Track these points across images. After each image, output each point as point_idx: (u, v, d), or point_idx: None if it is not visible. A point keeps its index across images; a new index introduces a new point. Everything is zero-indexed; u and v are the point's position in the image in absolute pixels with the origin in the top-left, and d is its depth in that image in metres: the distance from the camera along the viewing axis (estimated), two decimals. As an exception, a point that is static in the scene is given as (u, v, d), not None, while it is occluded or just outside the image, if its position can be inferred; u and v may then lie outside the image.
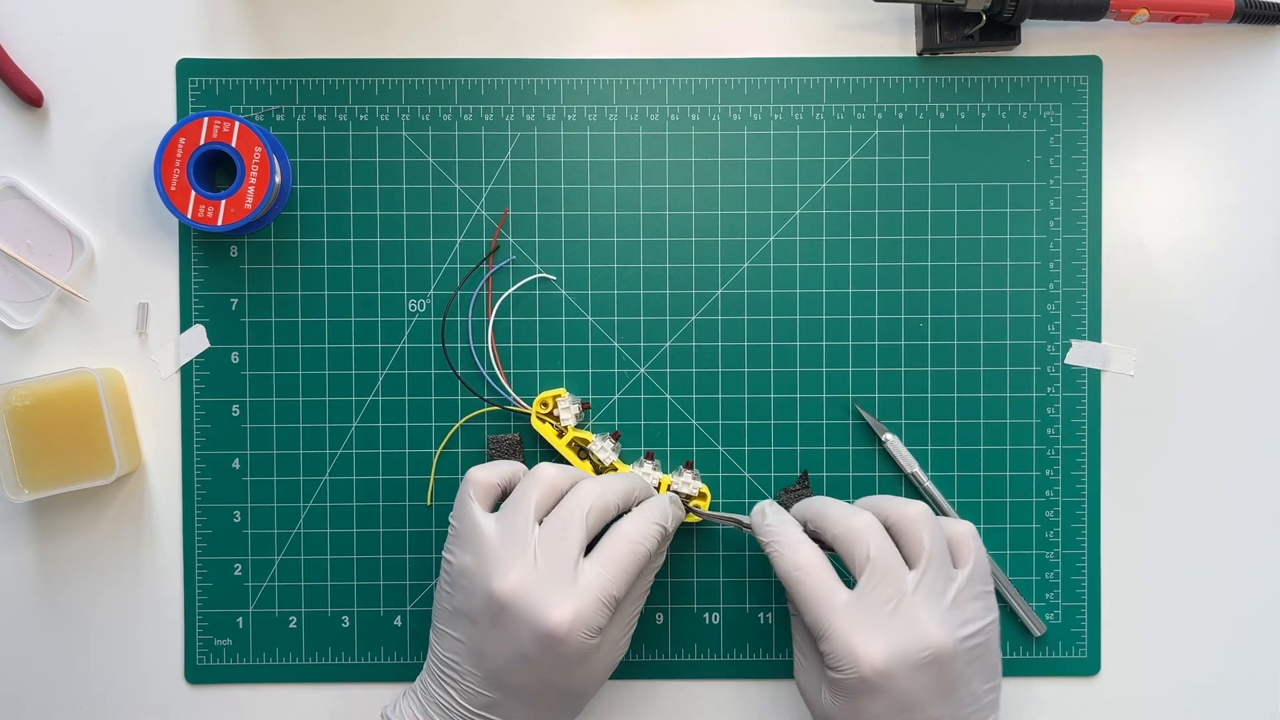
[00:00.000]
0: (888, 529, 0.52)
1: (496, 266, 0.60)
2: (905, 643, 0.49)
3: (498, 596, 0.51)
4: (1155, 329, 0.61)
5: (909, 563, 0.51)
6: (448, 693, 0.53)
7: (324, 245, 0.60)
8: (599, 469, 0.58)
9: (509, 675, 0.51)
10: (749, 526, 0.56)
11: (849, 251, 0.61)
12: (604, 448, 0.58)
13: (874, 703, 0.49)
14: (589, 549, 0.53)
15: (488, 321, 0.60)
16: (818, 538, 0.53)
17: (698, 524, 0.60)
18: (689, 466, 0.60)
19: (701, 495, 0.59)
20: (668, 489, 0.58)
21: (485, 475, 0.54)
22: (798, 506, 0.56)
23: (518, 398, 0.60)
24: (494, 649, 0.51)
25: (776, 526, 0.53)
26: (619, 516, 0.54)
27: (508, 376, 0.60)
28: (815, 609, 0.51)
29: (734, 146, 0.61)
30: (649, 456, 0.59)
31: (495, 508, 0.54)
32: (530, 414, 0.59)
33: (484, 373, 0.60)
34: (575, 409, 0.59)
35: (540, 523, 0.52)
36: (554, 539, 0.52)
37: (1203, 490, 0.61)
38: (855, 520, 0.52)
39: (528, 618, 0.50)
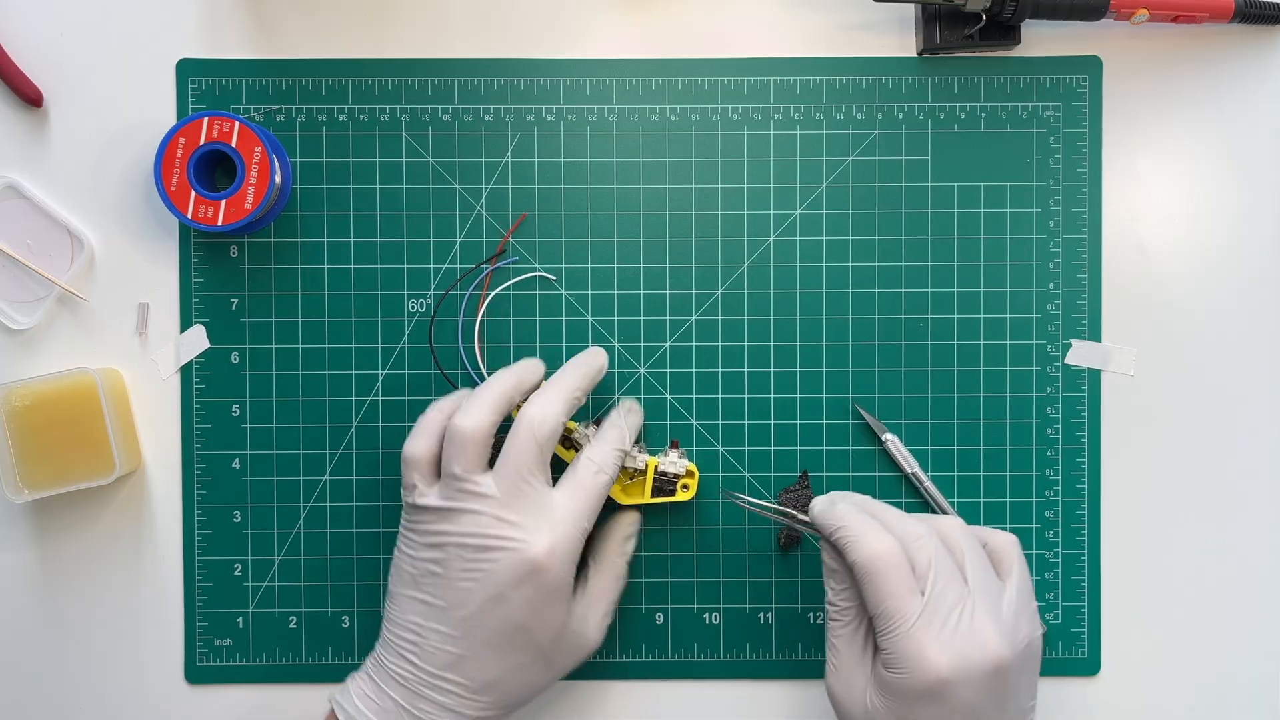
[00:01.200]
0: None
1: (496, 265, 0.60)
2: (970, 651, 0.49)
3: (475, 541, 0.51)
4: (1155, 329, 0.61)
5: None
6: (408, 660, 0.52)
7: (324, 245, 0.60)
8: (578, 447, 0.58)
9: (479, 621, 0.51)
10: (799, 519, 0.55)
11: (849, 251, 0.61)
12: (586, 435, 0.58)
13: (931, 710, 0.49)
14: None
15: (475, 321, 0.60)
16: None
17: (691, 499, 0.59)
18: (675, 446, 0.60)
19: (689, 474, 0.58)
20: (655, 470, 0.58)
21: (418, 447, 0.53)
22: (843, 497, 0.54)
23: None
24: (465, 594, 0.51)
25: (848, 513, 0.52)
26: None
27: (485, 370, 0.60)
28: (891, 602, 0.49)
29: (734, 146, 0.61)
30: (674, 445, 0.59)
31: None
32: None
33: (471, 374, 0.60)
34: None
35: (492, 465, 0.52)
36: (518, 479, 0.52)
37: (1203, 490, 0.61)
38: (914, 525, 0.52)
39: (506, 554, 0.50)
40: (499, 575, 0.51)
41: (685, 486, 0.58)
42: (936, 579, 0.50)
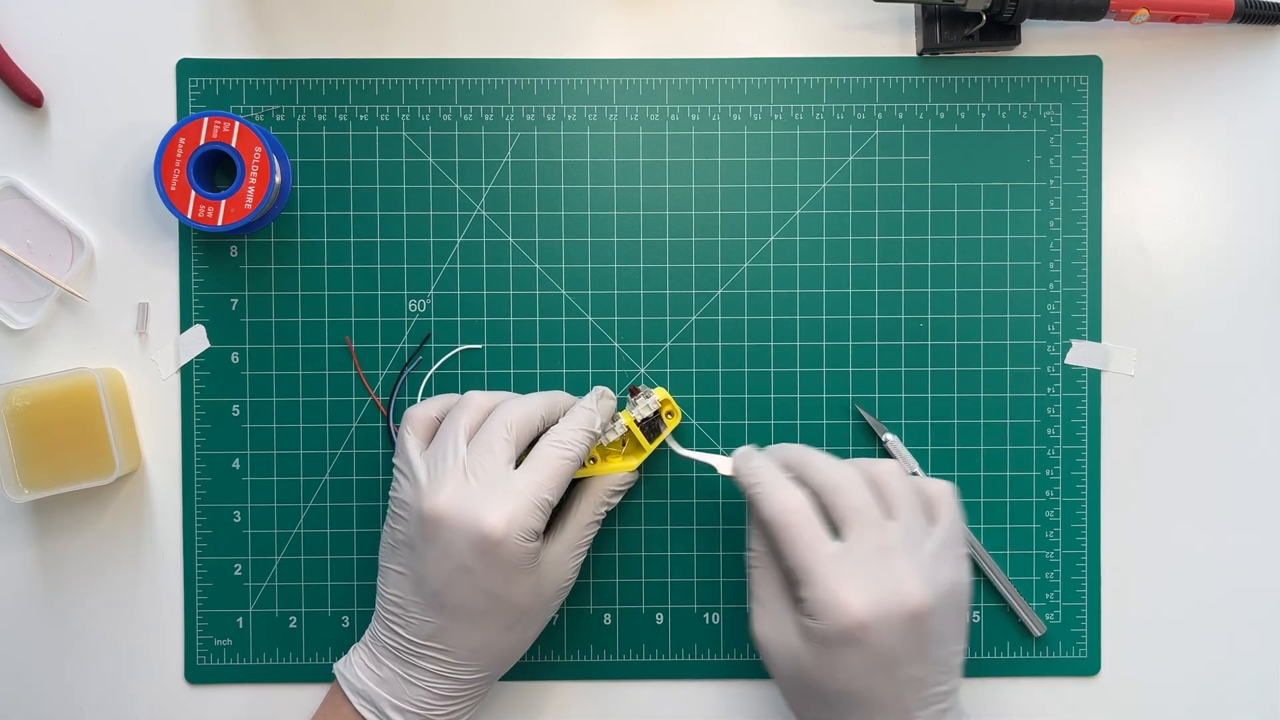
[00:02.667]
0: None
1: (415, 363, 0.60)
2: (888, 596, 0.49)
3: (432, 513, 0.51)
4: (1155, 329, 0.61)
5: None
6: (394, 631, 0.53)
7: (324, 245, 0.60)
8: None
9: (451, 593, 0.52)
10: (726, 471, 0.55)
11: (849, 251, 0.61)
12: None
13: (851, 654, 0.49)
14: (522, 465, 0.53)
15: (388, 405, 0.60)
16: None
17: (669, 448, 0.59)
18: (634, 391, 0.58)
19: (664, 402, 0.58)
20: (635, 423, 0.57)
21: (421, 411, 0.56)
22: (776, 450, 0.55)
23: None
24: (433, 567, 0.52)
25: (762, 469, 0.53)
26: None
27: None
28: (801, 553, 0.50)
29: (734, 146, 0.61)
30: (634, 391, 0.58)
31: None
32: None
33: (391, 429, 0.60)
34: None
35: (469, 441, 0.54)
36: (481, 453, 0.53)
37: (1203, 490, 0.61)
38: (840, 471, 0.52)
39: (463, 526, 0.51)
40: (459, 547, 0.51)
41: (670, 414, 0.58)
42: (856, 523, 0.50)
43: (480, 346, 0.60)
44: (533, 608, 0.54)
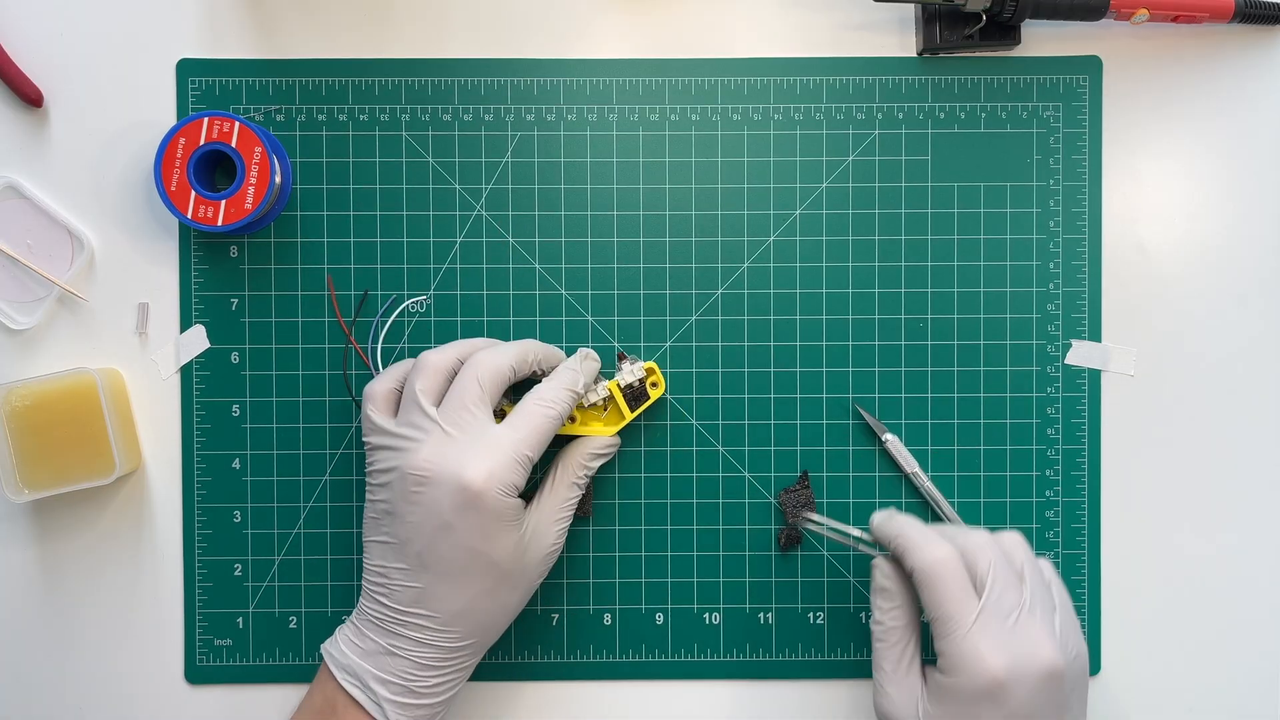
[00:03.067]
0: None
1: (419, 301, 0.60)
2: (1026, 654, 0.49)
3: (413, 471, 0.52)
4: (1155, 329, 0.61)
5: None
6: (378, 601, 0.54)
7: (324, 245, 0.60)
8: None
9: (432, 553, 0.52)
10: (858, 538, 0.56)
11: (849, 251, 0.61)
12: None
13: (988, 712, 0.49)
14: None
15: (372, 349, 0.60)
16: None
17: (662, 396, 0.59)
18: (623, 358, 0.59)
19: (650, 371, 0.58)
20: (619, 388, 0.58)
21: (380, 385, 0.56)
22: (900, 521, 0.54)
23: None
24: (415, 529, 0.52)
25: (906, 524, 0.53)
26: (529, 383, 0.56)
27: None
28: (950, 605, 0.50)
29: (734, 146, 0.61)
30: (621, 357, 0.60)
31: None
32: None
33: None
34: None
35: (439, 404, 0.54)
36: (457, 410, 0.53)
37: (1203, 490, 0.61)
38: (976, 535, 0.52)
39: (444, 481, 0.51)
40: (441, 503, 0.51)
41: (655, 384, 0.59)
42: (994, 583, 0.50)
43: (425, 297, 0.60)
44: (514, 570, 0.53)
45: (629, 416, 0.58)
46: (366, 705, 0.52)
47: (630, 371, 0.58)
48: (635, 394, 0.58)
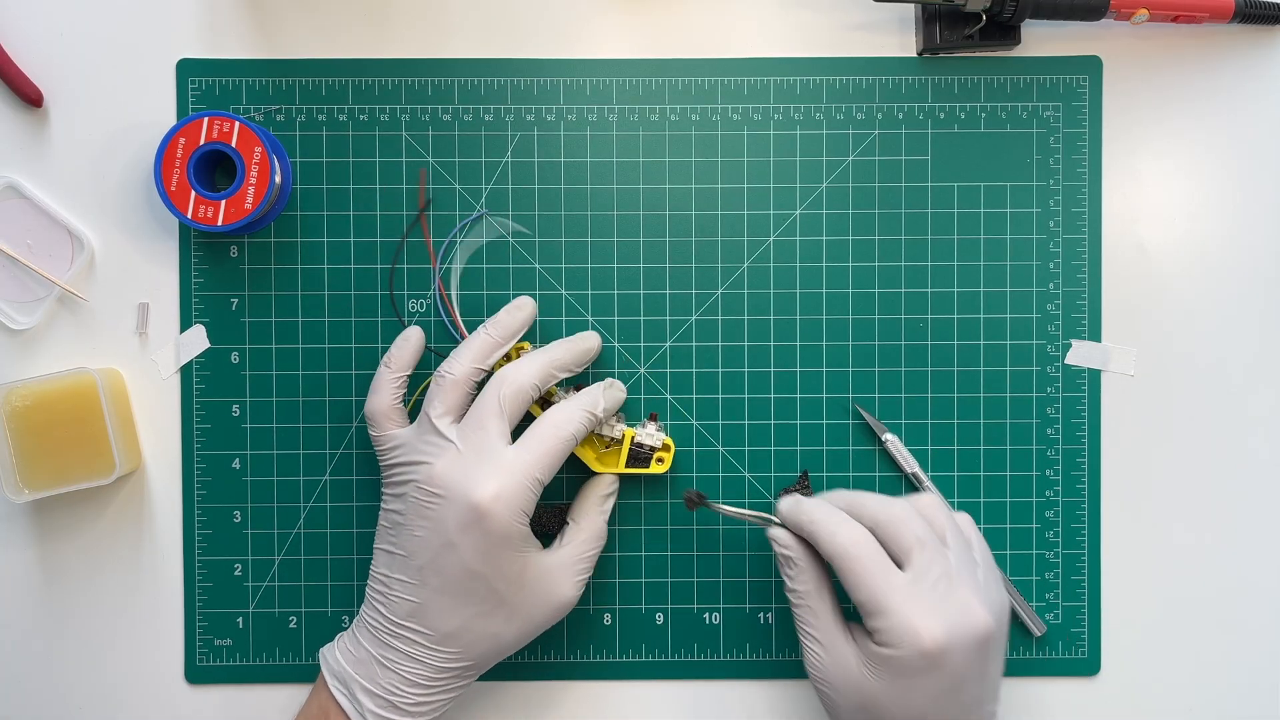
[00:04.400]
0: None
1: (465, 222, 0.60)
2: (961, 620, 0.50)
3: (426, 485, 0.52)
4: (1155, 329, 0.61)
5: None
6: (376, 610, 0.54)
7: (324, 245, 0.60)
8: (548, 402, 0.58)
9: (434, 570, 0.52)
10: (772, 519, 0.55)
11: (849, 251, 0.61)
12: (563, 398, 0.58)
13: (928, 681, 0.50)
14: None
15: (435, 271, 0.60)
16: None
17: (665, 473, 0.59)
18: (653, 419, 0.60)
19: (665, 447, 0.59)
20: (631, 441, 0.58)
21: (377, 403, 0.56)
22: (826, 496, 0.55)
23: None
24: (421, 543, 0.52)
25: (816, 509, 0.53)
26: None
27: (465, 325, 0.60)
28: (871, 584, 0.50)
29: (734, 146, 0.61)
30: (653, 418, 0.60)
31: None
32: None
33: (445, 320, 0.60)
34: None
35: (461, 420, 0.54)
36: (473, 429, 0.53)
37: (1203, 490, 0.61)
38: (895, 505, 0.53)
39: (454, 499, 0.51)
40: (448, 521, 0.52)
41: (660, 460, 0.59)
42: (921, 554, 0.51)
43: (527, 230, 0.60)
44: (513, 601, 0.53)
45: (619, 467, 0.58)
46: (353, 716, 0.53)
47: (649, 434, 0.58)
48: (640, 456, 0.58)
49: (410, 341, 0.57)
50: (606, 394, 0.57)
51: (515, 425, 0.54)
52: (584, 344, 0.58)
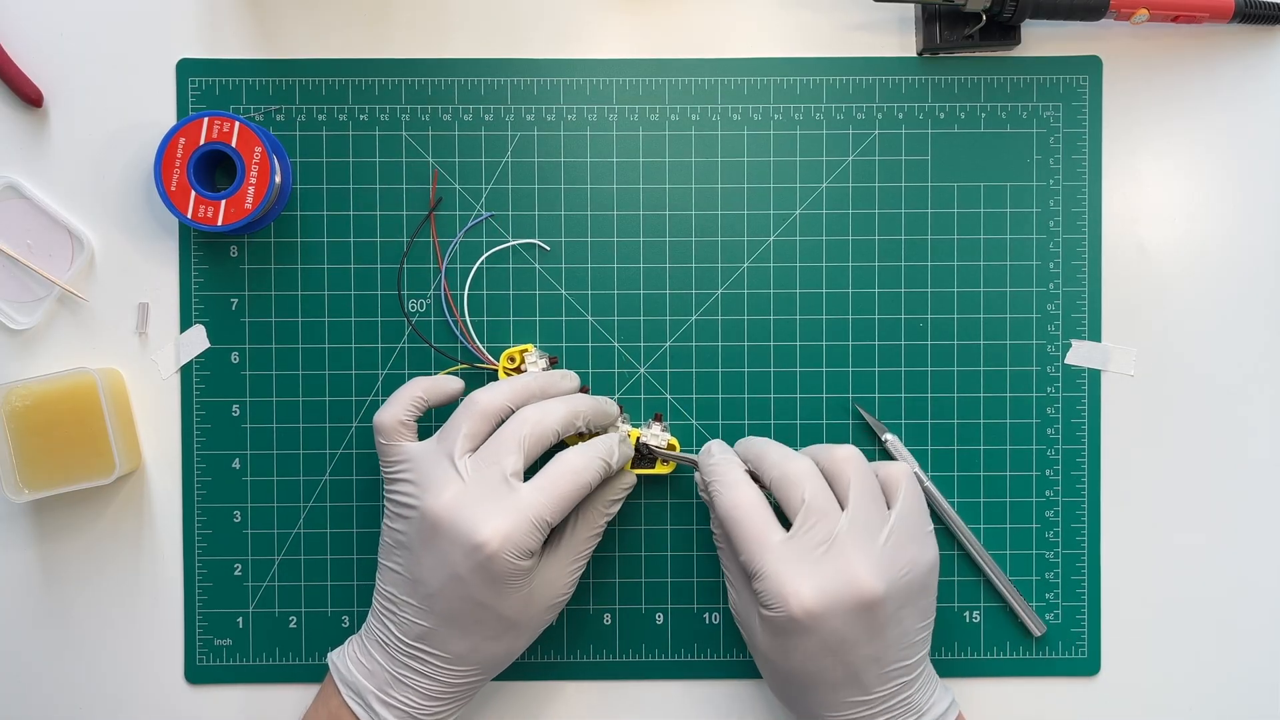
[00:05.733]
0: (822, 473, 0.53)
1: (472, 223, 0.60)
2: (835, 585, 0.50)
3: (431, 515, 0.52)
4: (1155, 329, 0.61)
5: (840, 505, 0.52)
6: (386, 627, 0.54)
7: (324, 245, 0.60)
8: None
9: (442, 599, 0.52)
10: (697, 464, 0.56)
11: (849, 251, 0.61)
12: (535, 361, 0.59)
13: (803, 641, 0.51)
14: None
15: (440, 271, 0.60)
16: (758, 480, 0.54)
17: (669, 474, 0.59)
18: (658, 419, 0.60)
19: (670, 447, 0.59)
20: (637, 440, 0.58)
21: (387, 415, 0.55)
22: (741, 444, 0.56)
23: (484, 352, 0.60)
24: (428, 572, 0.52)
25: (719, 465, 0.54)
26: (567, 444, 0.56)
27: (470, 330, 0.60)
28: (749, 548, 0.51)
29: (734, 146, 0.61)
30: (658, 418, 0.60)
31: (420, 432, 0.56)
32: (498, 369, 0.59)
33: (448, 320, 0.60)
34: (543, 364, 0.59)
35: (476, 449, 0.53)
36: (488, 463, 0.52)
37: (1203, 490, 0.61)
38: (793, 465, 0.53)
39: (459, 534, 0.51)
40: (455, 558, 0.51)
41: (665, 460, 0.58)
42: (806, 516, 0.51)
43: (545, 245, 0.60)
44: (521, 619, 0.54)
45: (627, 469, 0.58)
46: None
47: (654, 435, 0.59)
48: (644, 456, 0.58)
49: (451, 387, 0.56)
50: (620, 448, 0.56)
51: (529, 467, 0.53)
52: (609, 407, 0.57)
